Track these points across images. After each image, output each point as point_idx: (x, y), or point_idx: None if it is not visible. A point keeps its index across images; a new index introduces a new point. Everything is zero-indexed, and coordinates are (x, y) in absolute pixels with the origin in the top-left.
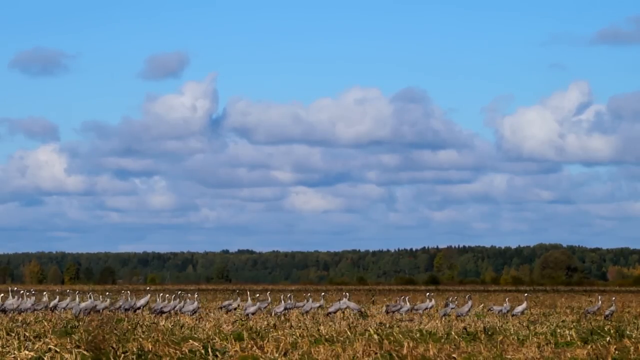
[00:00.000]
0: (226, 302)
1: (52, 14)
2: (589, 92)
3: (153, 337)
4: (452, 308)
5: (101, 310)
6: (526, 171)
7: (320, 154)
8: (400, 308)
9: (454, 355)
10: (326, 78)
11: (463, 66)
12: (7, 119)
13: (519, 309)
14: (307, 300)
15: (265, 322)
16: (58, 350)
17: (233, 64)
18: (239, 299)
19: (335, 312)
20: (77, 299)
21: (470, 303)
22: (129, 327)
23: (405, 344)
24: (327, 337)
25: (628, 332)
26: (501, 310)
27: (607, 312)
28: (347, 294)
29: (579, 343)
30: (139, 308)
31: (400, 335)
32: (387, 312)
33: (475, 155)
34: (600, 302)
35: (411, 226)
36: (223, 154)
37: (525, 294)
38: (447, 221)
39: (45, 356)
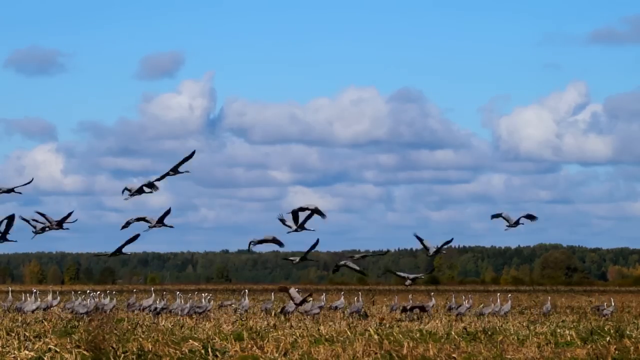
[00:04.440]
0: (227, 302)
1: (47, 12)
2: (586, 92)
3: (153, 337)
4: (456, 307)
5: (108, 311)
6: (524, 171)
7: (318, 153)
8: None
9: (454, 355)
10: (323, 78)
11: (460, 66)
12: (4, 119)
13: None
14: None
15: (265, 322)
16: (58, 350)
17: (230, 63)
18: (242, 298)
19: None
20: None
21: (468, 302)
22: (129, 327)
23: (405, 344)
24: (327, 337)
25: (628, 332)
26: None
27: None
28: (360, 293)
29: (579, 343)
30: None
31: (400, 335)
32: (411, 310)
33: (473, 155)
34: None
35: (410, 226)
36: (221, 153)
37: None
38: (446, 221)
39: (45, 356)
